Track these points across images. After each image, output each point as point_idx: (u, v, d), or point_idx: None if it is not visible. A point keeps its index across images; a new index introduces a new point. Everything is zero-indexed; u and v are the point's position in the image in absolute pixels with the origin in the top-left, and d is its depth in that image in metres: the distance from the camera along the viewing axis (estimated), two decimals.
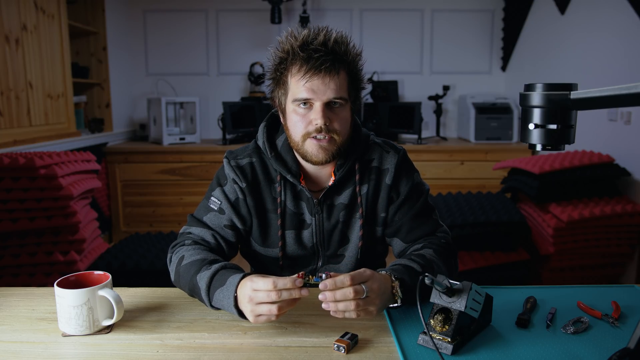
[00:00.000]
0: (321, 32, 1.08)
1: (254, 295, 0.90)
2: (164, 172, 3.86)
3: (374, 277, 0.95)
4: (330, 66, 1.06)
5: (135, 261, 2.30)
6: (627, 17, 2.66)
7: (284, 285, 0.88)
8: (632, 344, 0.77)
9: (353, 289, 0.90)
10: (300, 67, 1.08)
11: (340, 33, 1.11)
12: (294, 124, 1.11)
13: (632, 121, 2.64)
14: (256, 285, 0.91)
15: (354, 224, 1.21)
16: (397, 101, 4.25)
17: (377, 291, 0.94)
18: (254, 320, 0.92)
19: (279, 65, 1.12)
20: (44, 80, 3.01)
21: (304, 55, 1.06)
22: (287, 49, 1.09)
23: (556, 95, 0.73)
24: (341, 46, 1.09)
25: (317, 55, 1.05)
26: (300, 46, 1.07)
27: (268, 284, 0.89)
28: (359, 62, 1.14)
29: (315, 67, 1.06)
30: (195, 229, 1.18)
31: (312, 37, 1.08)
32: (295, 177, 1.17)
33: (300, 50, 1.07)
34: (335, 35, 1.08)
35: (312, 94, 1.07)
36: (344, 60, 1.09)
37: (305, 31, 1.09)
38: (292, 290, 0.88)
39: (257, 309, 0.90)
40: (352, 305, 0.90)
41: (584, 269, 2.61)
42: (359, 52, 1.14)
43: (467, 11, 4.36)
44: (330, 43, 1.07)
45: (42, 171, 2.15)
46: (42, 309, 1.05)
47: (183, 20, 4.39)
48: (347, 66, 1.10)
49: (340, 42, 1.09)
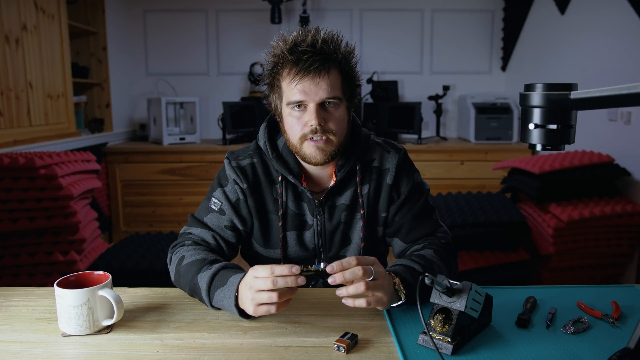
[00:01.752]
0: (309, 33, 1.08)
1: (253, 283, 0.91)
2: (164, 172, 3.86)
3: (378, 262, 0.96)
4: (319, 66, 1.06)
5: (135, 261, 2.30)
6: (627, 17, 2.66)
7: (281, 272, 0.89)
8: (632, 344, 0.77)
9: (362, 267, 0.90)
10: (290, 70, 1.08)
11: (329, 32, 1.10)
12: (290, 127, 1.12)
13: (632, 121, 2.64)
14: (256, 273, 0.92)
15: (356, 224, 1.21)
16: (397, 101, 4.25)
17: (384, 274, 0.95)
18: (254, 311, 0.92)
19: (271, 70, 1.12)
20: (44, 80, 3.01)
21: (292, 58, 1.07)
22: (278, 53, 1.09)
23: (556, 95, 0.73)
24: (330, 45, 1.08)
25: (305, 57, 1.06)
26: (289, 49, 1.07)
27: (266, 271, 0.90)
28: (351, 60, 1.13)
29: (305, 69, 1.06)
30: (196, 230, 1.18)
31: (300, 39, 1.08)
32: (297, 178, 1.17)
33: (289, 54, 1.07)
34: (323, 35, 1.08)
35: (304, 95, 1.07)
36: (334, 59, 1.09)
37: (294, 34, 1.09)
38: (287, 278, 0.88)
39: (257, 296, 0.91)
40: (362, 286, 0.90)
41: (584, 269, 2.61)
42: (351, 49, 1.13)
43: (467, 11, 4.36)
44: (319, 43, 1.07)
45: (42, 171, 2.15)
46: (42, 309, 1.05)
47: (183, 20, 4.39)
48: (338, 65, 1.10)
49: (330, 41, 1.09)
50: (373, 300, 0.93)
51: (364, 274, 0.90)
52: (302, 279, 0.89)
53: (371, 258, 0.96)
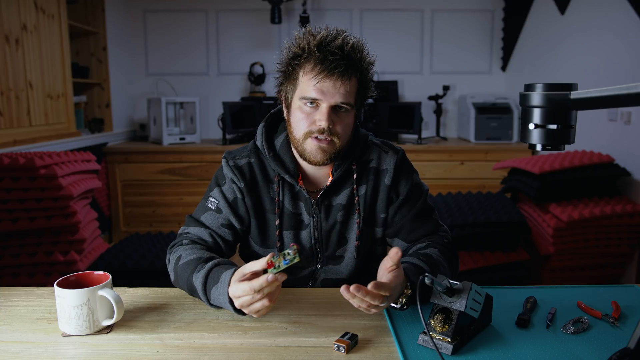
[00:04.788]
0: (339, 35, 1.08)
1: (241, 302, 0.92)
2: (164, 172, 3.86)
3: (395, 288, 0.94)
4: (343, 71, 1.06)
5: (135, 261, 2.30)
6: (627, 17, 2.66)
7: (260, 286, 0.88)
8: (632, 344, 0.77)
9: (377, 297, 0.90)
10: (314, 67, 1.07)
11: (357, 40, 1.11)
12: (298, 120, 1.11)
13: (632, 121, 2.64)
14: (236, 293, 0.92)
15: (352, 224, 1.21)
16: (397, 101, 4.25)
17: (392, 299, 0.96)
18: (256, 316, 0.95)
19: (292, 60, 1.11)
20: (44, 80, 3.01)
21: (319, 56, 1.06)
22: (303, 46, 1.08)
23: (556, 95, 0.73)
24: (357, 53, 1.09)
25: (332, 57, 1.05)
26: (317, 45, 1.07)
27: (246, 290, 0.89)
28: (370, 71, 1.14)
29: (329, 70, 1.06)
30: (193, 229, 1.18)
31: (330, 39, 1.07)
32: (293, 177, 1.17)
33: (317, 50, 1.07)
34: (352, 41, 1.09)
35: (321, 94, 1.07)
36: (358, 67, 1.09)
37: (324, 31, 1.09)
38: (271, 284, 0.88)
39: (251, 309, 0.92)
40: (364, 305, 0.92)
41: (584, 269, 2.61)
42: (373, 60, 1.14)
43: (467, 11, 4.36)
44: (347, 48, 1.07)
45: (42, 171, 2.15)
46: (42, 309, 1.05)
47: (183, 20, 4.39)
48: (359, 74, 1.11)
49: (357, 49, 1.09)
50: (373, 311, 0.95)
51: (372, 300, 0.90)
52: (282, 275, 0.88)
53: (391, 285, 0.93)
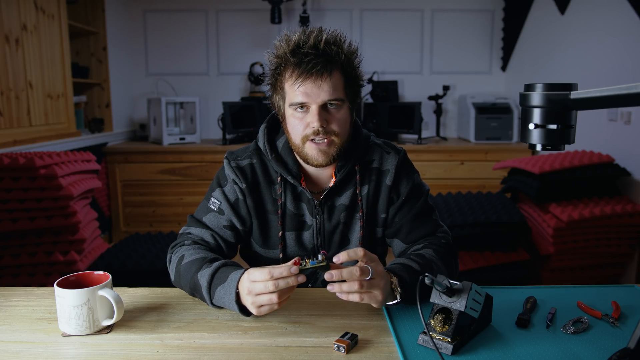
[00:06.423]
0: (312, 34, 1.07)
1: (252, 287, 0.92)
2: (164, 172, 3.86)
3: (379, 261, 0.97)
4: (321, 69, 1.06)
5: (135, 261, 2.30)
6: (627, 17, 2.66)
7: (280, 274, 0.89)
8: (632, 344, 0.77)
9: (359, 268, 0.91)
10: (292, 72, 1.08)
11: (332, 33, 1.10)
12: (293, 127, 1.12)
13: (632, 121, 2.64)
14: (253, 277, 0.92)
15: (355, 225, 1.21)
16: (397, 101, 4.25)
17: (382, 273, 0.96)
18: (256, 312, 0.93)
19: (274, 71, 1.12)
20: (44, 80, 3.01)
21: (295, 60, 1.06)
22: (280, 54, 1.09)
23: (556, 95, 0.73)
24: (332, 47, 1.08)
25: (307, 59, 1.05)
26: (291, 51, 1.07)
27: (264, 275, 0.90)
28: (354, 61, 1.13)
29: (307, 71, 1.05)
30: (195, 229, 1.18)
31: (303, 41, 1.07)
32: (296, 178, 1.17)
33: (291, 55, 1.07)
34: (326, 37, 1.08)
35: (306, 97, 1.07)
36: (336, 60, 1.08)
37: (297, 35, 1.08)
38: (288, 278, 0.89)
39: (257, 300, 0.92)
40: (355, 285, 0.91)
41: (584, 269, 2.61)
42: (354, 49, 1.12)
43: (467, 11, 4.36)
44: (321, 45, 1.06)
45: (42, 171, 2.15)
46: (42, 309, 1.05)
47: (183, 20, 4.39)
48: (340, 66, 1.09)
49: (332, 42, 1.08)
50: (367, 297, 0.93)
51: (361, 274, 0.91)
52: (302, 276, 0.89)
53: (374, 255, 0.96)
